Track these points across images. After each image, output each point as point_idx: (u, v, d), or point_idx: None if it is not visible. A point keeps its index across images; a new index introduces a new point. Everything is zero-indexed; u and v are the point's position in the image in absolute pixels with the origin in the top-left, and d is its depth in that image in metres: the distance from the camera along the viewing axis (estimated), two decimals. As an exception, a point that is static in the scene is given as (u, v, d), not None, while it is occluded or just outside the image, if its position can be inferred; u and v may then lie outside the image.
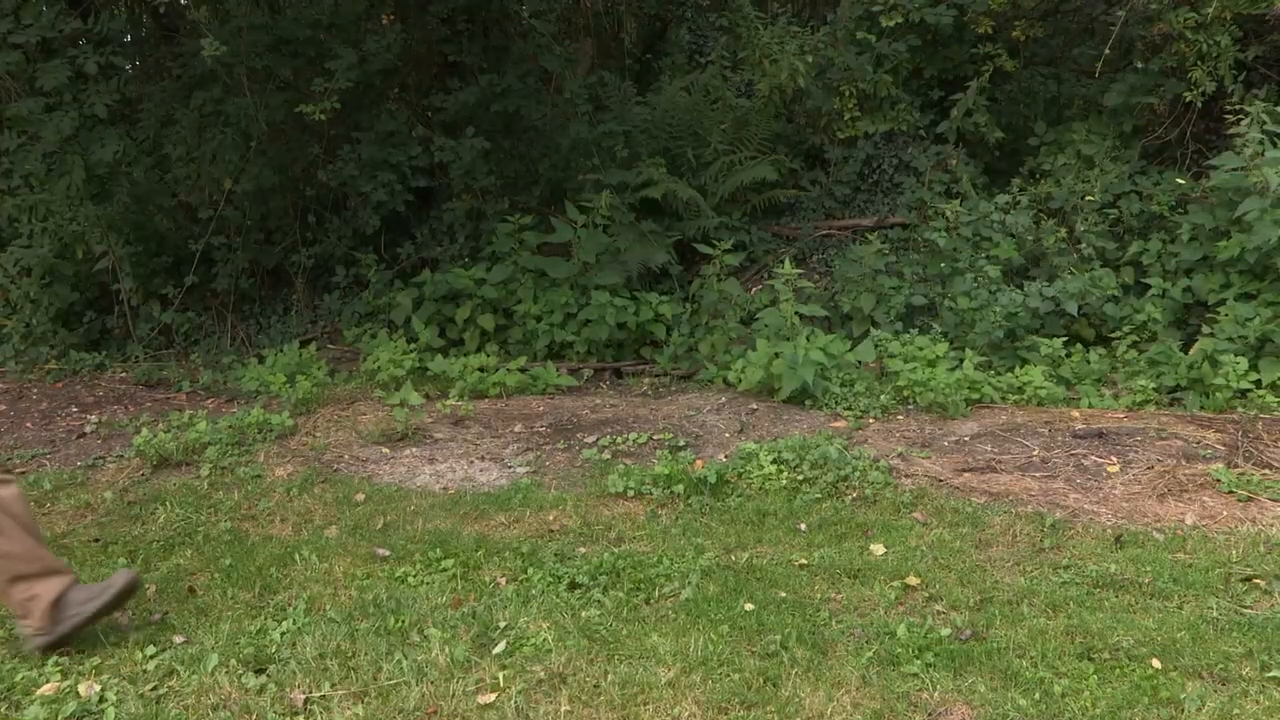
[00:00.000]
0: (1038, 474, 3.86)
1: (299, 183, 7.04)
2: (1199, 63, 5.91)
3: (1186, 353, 4.94)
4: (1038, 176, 6.61)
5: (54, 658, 2.65)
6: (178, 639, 2.77)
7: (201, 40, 5.25)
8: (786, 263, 5.55)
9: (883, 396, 4.76)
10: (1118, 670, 2.51)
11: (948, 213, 6.11)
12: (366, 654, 2.63)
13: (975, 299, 5.41)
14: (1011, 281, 5.74)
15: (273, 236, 7.14)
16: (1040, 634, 2.68)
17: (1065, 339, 5.20)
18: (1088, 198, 6.03)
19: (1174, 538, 3.29)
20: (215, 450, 4.32)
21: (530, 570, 3.13)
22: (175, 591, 3.09)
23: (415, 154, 6.62)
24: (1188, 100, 5.99)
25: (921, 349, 5.06)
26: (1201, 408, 4.59)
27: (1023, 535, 3.35)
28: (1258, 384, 4.63)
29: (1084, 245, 5.76)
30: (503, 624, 2.78)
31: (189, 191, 6.71)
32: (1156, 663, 2.53)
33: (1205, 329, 5.01)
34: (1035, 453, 4.06)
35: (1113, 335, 5.31)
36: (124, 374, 6.15)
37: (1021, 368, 4.97)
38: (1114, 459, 3.94)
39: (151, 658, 2.66)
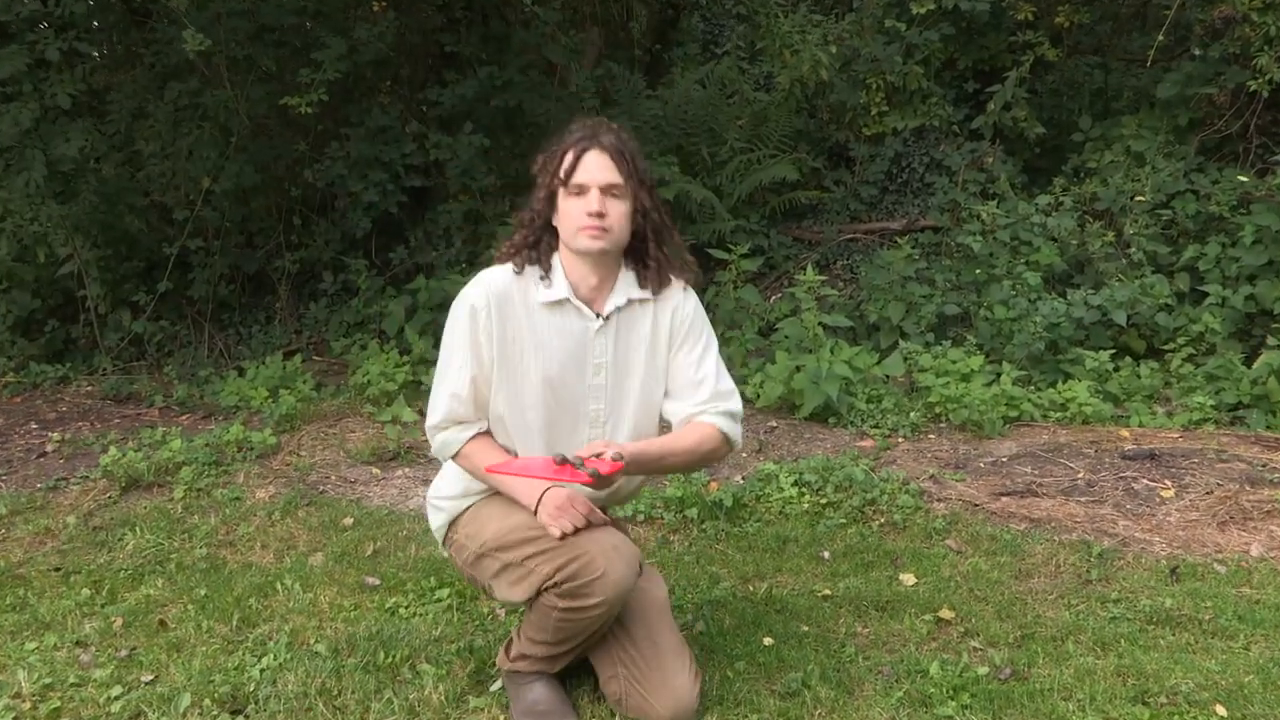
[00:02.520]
0: (1083, 499, 3.84)
1: (283, 182, 7.07)
2: (1265, 48, 5.86)
3: (1249, 366, 4.90)
4: (1082, 175, 6.60)
5: (6, 700, 2.64)
6: (146, 677, 2.76)
7: (183, 33, 5.27)
8: (808, 269, 5.55)
9: (913, 414, 4.74)
10: (1176, 716, 2.47)
11: (983, 215, 6.10)
12: (354, 692, 2.62)
13: (1013, 308, 5.39)
14: (1053, 289, 5.73)
15: (254, 240, 7.17)
16: (1088, 674, 2.65)
17: (1113, 351, 5.17)
18: (1138, 198, 6.01)
19: (1238, 570, 3.26)
20: (190, 471, 4.32)
21: (531, 602, 3.11)
22: (144, 625, 3.08)
23: (409, 151, 6.65)
24: (1252, 90, 5.95)
25: (955, 362, 5.04)
26: (1267, 427, 4.55)
27: (1067, 565, 3.32)
28: (1327, 401, 4.60)
29: (1134, 249, 5.74)
30: (500, 660, 2.76)
31: (163, 191, 6.74)
32: (1221, 709, 2.49)
33: (1271, 340, 4.98)
34: (1080, 475, 4.04)
35: (1166, 347, 5.28)
36: (90, 388, 6.16)
37: (1065, 383, 4.95)
38: (1168, 483, 3.91)
39: (117, 698, 2.64)
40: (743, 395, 5.18)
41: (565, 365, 2.34)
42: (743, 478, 4.15)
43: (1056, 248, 5.83)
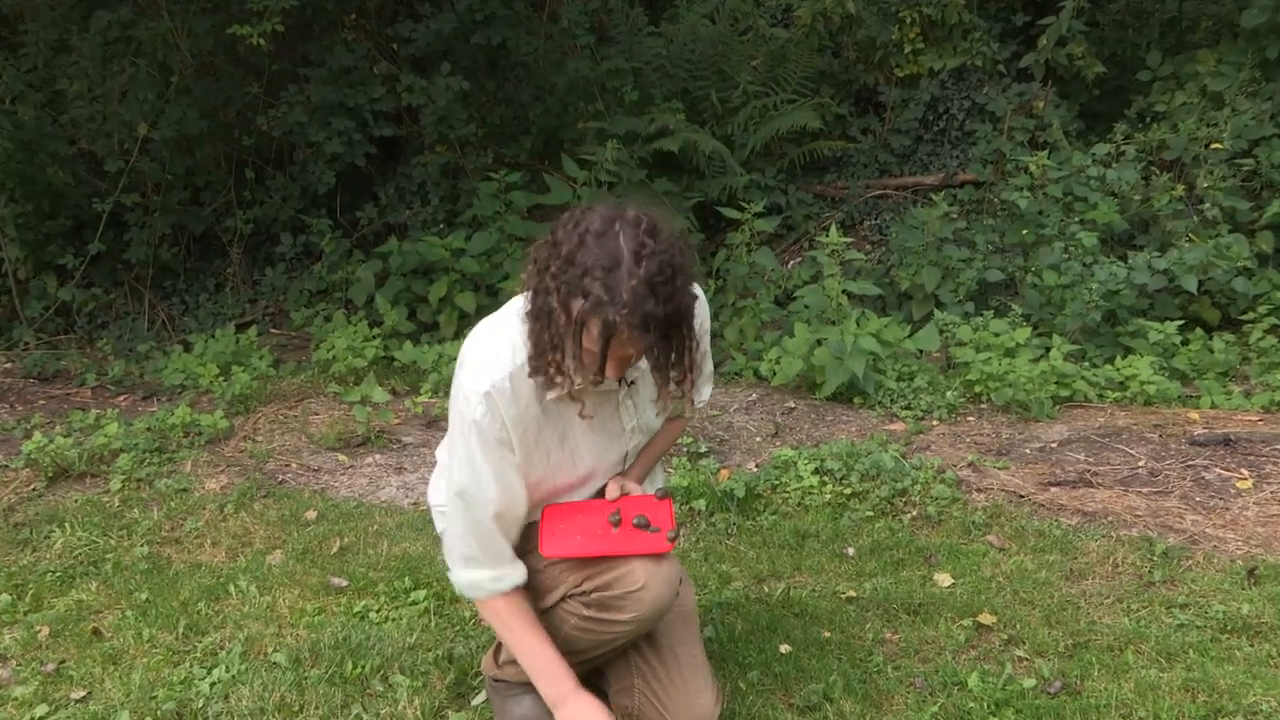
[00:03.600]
0: (1145, 489, 3.84)
1: (233, 130, 7.04)
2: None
3: (1342, 339, 4.90)
4: (1148, 120, 6.56)
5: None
6: (77, 693, 2.77)
7: None
8: (832, 230, 5.54)
9: (949, 393, 4.74)
10: (1250, 736, 2.48)
11: (1032, 167, 6.07)
12: (318, 707, 2.63)
13: (1066, 274, 5.38)
14: (1112, 252, 5.71)
15: (200, 196, 7.15)
16: (1151, 689, 2.65)
17: (1181, 323, 5.17)
18: (1214, 145, 5.98)
19: (1323, 571, 3.25)
20: (129, 459, 4.33)
21: (516, 605, 3.11)
22: (75, 634, 3.09)
23: (378, 96, 6.62)
24: (1362, 14, 5.88)
25: (998, 335, 5.04)
26: (1357, 409, 4.55)
27: (1126, 565, 3.32)
28: None
29: (1208, 205, 5.72)
30: (482, 671, 2.76)
31: (92, 138, 6.71)
32: (1306, 729, 2.50)
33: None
34: (1142, 463, 4.04)
35: (1244, 318, 5.27)
36: (9, 364, 6.17)
37: (1124, 358, 4.95)
38: (1245, 472, 3.91)
39: (42, 718, 2.65)
40: (756, 372, 5.24)
41: (597, 444, 2.31)
42: (756, 465, 4.16)
43: (1116, 204, 5.81)
